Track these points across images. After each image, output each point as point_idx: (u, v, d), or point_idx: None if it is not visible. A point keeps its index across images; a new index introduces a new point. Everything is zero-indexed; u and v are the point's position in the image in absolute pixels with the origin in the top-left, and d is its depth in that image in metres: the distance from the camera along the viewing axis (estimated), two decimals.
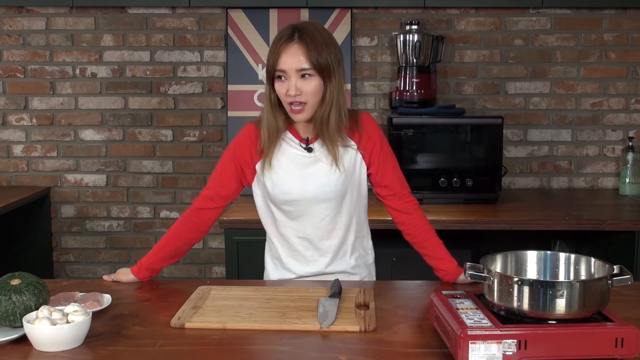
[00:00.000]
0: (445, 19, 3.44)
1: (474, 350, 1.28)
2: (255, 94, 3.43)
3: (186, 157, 3.56)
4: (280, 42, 1.79)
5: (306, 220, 1.93)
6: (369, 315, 1.59)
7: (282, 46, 1.79)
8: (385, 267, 2.61)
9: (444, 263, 1.91)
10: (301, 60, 1.78)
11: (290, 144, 1.92)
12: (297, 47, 1.78)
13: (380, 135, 1.96)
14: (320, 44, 1.79)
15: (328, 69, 1.81)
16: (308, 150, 1.91)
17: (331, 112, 1.84)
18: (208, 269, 3.63)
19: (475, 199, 3.06)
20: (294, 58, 1.78)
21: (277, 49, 1.79)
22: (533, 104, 3.49)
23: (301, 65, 1.78)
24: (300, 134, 1.92)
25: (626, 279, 1.37)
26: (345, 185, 1.91)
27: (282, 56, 1.78)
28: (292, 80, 1.79)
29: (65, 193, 3.60)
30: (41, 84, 3.53)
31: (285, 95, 1.81)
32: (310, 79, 1.80)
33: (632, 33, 3.43)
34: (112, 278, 1.94)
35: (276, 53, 1.79)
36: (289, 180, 1.90)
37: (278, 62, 1.79)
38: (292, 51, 1.78)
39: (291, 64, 1.78)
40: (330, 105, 1.84)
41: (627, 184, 3.33)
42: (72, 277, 3.62)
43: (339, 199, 1.92)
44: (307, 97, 1.80)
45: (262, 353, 1.43)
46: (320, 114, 1.85)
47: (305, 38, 1.79)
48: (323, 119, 1.85)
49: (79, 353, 1.42)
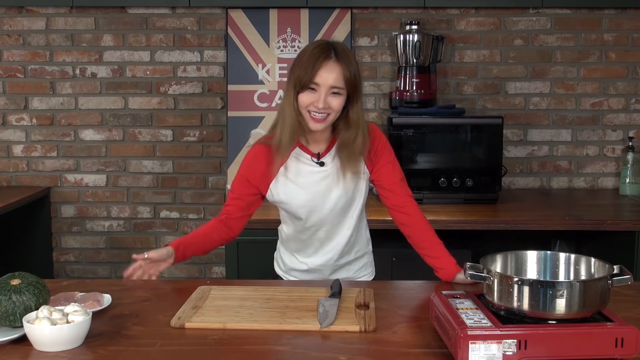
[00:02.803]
0: (445, 19, 3.44)
1: (474, 350, 1.28)
2: (255, 94, 3.43)
3: (186, 157, 3.56)
4: (320, 57, 1.85)
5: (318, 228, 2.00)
6: (369, 315, 1.59)
7: (322, 61, 1.84)
8: (385, 267, 2.60)
9: (443, 262, 1.93)
10: (338, 78, 1.85)
11: (302, 161, 1.97)
12: (336, 66, 1.85)
13: (387, 146, 2.02)
14: (354, 66, 1.89)
15: (357, 90, 1.90)
16: (320, 164, 1.96)
17: (357, 135, 1.92)
18: (208, 269, 3.63)
19: (475, 199, 3.06)
20: (332, 75, 1.84)
21: (316, 63, 1.84)
22: (533, 104, 3.49)
23: (337, 83, 1.85)
24: (311, 148, 1.97)
25: (626, 279, 1.37)
26: (355, 195, 1.98)
27: (320, 71, 1.84)
28: (322, 95, 1.84)
29: (65, 193, 3.60)
30: (41, 84, 3.53)
31: (311, 105, 1.86)
32: (339, 96, 1.87)
33: (632, 33, 3.43)
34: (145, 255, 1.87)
35: (315, 67, 1.84)
36: (301, 194, 1.96)
37: (316, 76, 1.84)
38: (331, 68, 1.85)
39: (328, 80, 1.84)
40: (357, 127, 1.92)
41: (627, 184, 3.33)
42: (72, 277, 3.62)
43: (346, 211, 1.99)
44: (331, 111, 1.87)
45: (262, 353, 1.43)
46: (347, 137, 1.92)
47: (344, 58, 1.87)
48: (349, 141, 1.92)
49: (79, 353, 1.42)
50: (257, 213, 2.04)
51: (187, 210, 3.59)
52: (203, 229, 2.01)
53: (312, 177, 1.96)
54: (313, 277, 2.06)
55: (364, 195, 2.02)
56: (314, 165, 1.96)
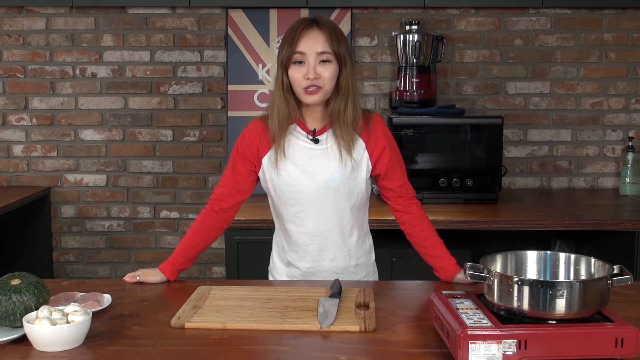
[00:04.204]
0: (445, 19, 3.44)
1: (474, 350, 1.28)
2: (255, 94, 3.44)
3: (186, 157, 3.56)
4: (300, 28, 1.84)
5: (309, 214, 1.93)
6: (369, 315, 1.59)
7: (303, 31, 1.84)
8: (385, 267, 2.60)
9: (442, 261, 1.92)
10: (323, 44, 1.84)
11: (297, 137, 1.93)
12: (319, 32, 1.85)
13: (390, 138, 1.97)
14: (338, 33, 1.88)
15: (345, 56, 1.87)
16: (314, 141, 1.92)
17: (348, 102, 1.87)
18: (208, 269, 3.63)
19: (475, 199, 3.06)
20: (315, 41, 1.83)
21: (296, 34, 1.84)
22: (533, 104, 3.49)
23: (324, 48, 1.83)
24: (308, 125, 1.93)
25: (626, 279, 1.37)
26: (351, 180, 1.92)
27: (303, 40, 1.83)
28: (312, 64, 1.83)
29: (65, 193, 3.60)
30: (41, 84, 3.53)
31: (302, 79, 1.83)
32: (329, 64, 1.84)
33: (632, 33, 3.43)
34: (138, 279, 1.90)
35: (296, 37, 1.83)
36: (294, 171, 1.91)
37: (299, 45, 1.82)
38: (314, 35, 1.84)
39: (313, 47, 1.83)
40: (347, 95, 1.88)
41: (627, 184, 3.33)
42: (72, 277, 3.62)
43: (343, 194, 1.92)
44: (324, 81, 1.84)
45: (262, 353, 1.43)
46: (337, 104, 1.87)
47: (326, 26, 1.86)
48: (340, 110, 1.88)
49: (79, 353, 1.42)
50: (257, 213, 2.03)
51: (187, 210, 3.59)
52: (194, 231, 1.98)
53: (305, 152, 1.91)
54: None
55: (365, 189, 1.95)
56: (309, 142, 1.92)
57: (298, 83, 1.85)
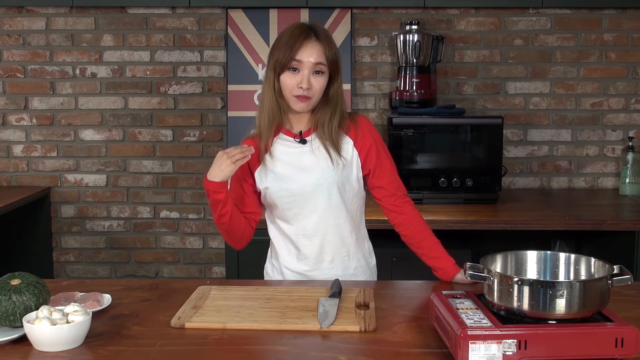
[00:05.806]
0: (445, 19, 3.44)
1: (474, 350, 1.28)
2: (255, 94, 3.44)
3: (186, 157, 3.56)
4: (300, 36, 1.87)
5: (305, 215, 1.95)
6: (369, 315, 1.59)
7: (303, 40, 1.87)
8: (385, 267, 2.60)
9: (441, 261, 1.92)
10: (320, 55, 1.87)
11: (284, 144, 1.96)
12: (317, 44, 1.88)
13: (376, 135, 2.00)
14: (333, 45, 1.92)
15: (337, 68, 1.92)
16: (302, 142, 1.95)
17: (335, 112, 1.93)
18: (208, 269, 3.63)
19: (475, 199, 3.06)
20: (313, 52, 1.87)
21: (296, 42, 1.87)
22: (533, 104, 3.49)
23: (319, 59, 1.87)
24: (294, 128, 1.97)
25: (626, 279, 1.37)
26: (342, 179, 1.93)
27: (302, 49, 1.86)
28: (306, 74, 1.86)
29: (65, 193, 3.60)
30: (41, 84, 3.53)
31: (295, 87, 1.87)
32: (321, 76, 1.89)
33: (632, 33, 3.43)
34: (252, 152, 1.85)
35: (296, 45, 1.86)
36: (285, 175, 1.93)
37: (298, 53, 1.86)
38: (312, 46, 1.87)
39: (310, 57, 1.86)
40: (335, 104, 1.93)
41: (627, 184, 3.33)
42: (72, 277, 3.62)
43: (336, 193, 1.93)
44: (314, 92, 1.89)
45: (262, 353, 1.43)
46: (324, 115, 1.93)
47: (324, 37, 1.90)
48: (325, 120, 1.92)
49: (79, 353, 1.42)
50: None
51: (187, 210, 3.59)
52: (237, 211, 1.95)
53: (295, 156, 1.94)
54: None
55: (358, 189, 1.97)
56: (296, 145, 1.96)
57: (289, 89, 1.88)
